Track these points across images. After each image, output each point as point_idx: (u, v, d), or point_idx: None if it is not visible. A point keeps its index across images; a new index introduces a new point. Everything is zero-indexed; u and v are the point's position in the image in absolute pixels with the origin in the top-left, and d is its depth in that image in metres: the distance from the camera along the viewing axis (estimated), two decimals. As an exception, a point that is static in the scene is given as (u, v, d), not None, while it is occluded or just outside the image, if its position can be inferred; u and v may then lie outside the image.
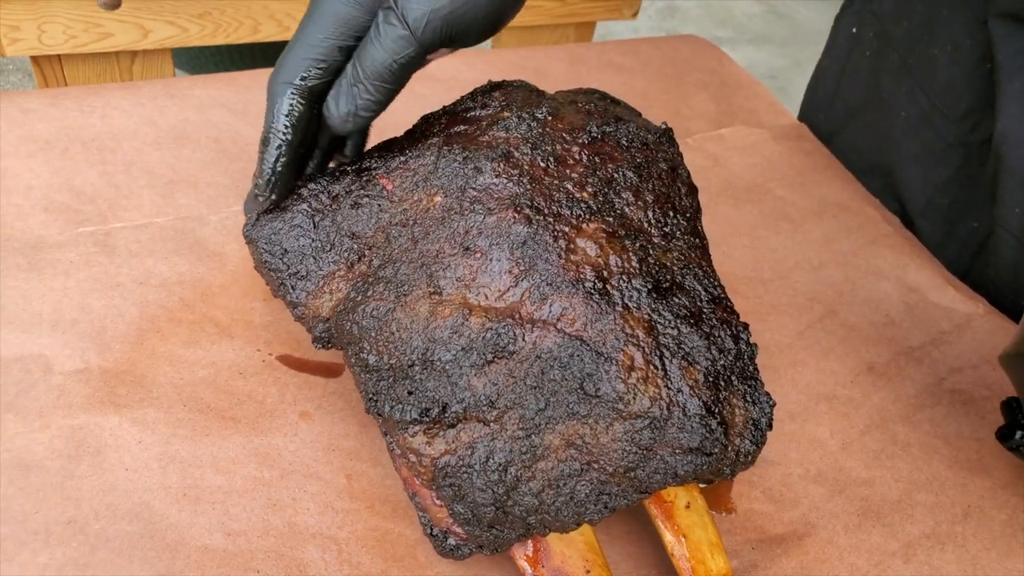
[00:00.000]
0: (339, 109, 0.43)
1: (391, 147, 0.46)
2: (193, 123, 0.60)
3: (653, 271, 0.40)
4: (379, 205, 0.43)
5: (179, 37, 0.74)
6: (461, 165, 0.42)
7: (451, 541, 0.39)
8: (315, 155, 0.48)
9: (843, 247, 0.65)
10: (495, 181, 0.41)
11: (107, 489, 0.40)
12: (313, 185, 0.45)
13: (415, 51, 0.41)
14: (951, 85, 0.63)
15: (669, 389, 0.36)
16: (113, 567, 0.38)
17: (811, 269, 0.63)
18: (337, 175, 0.45)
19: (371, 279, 0.41)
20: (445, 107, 0.48)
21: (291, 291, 0.43)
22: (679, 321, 0.38)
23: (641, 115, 0.52)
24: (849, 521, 0.47)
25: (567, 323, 0.38)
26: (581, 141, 0.44)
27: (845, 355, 0.57)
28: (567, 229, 0.40)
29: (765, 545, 0.46)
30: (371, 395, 0.39)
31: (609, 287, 0.38)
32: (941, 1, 0.64)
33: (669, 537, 0.41)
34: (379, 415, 0.39)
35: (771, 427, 0.38)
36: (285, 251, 0.43)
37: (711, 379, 0.37)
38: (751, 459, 0.38)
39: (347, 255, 0.43)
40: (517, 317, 0.38)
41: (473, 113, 0.46)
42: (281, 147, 0.43)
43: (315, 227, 0.44)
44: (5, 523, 0.39)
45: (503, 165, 0.42)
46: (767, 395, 0.39)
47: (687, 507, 0.41)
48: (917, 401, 0.55)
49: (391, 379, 0.39)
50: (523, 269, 0.39)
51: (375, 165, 0.45)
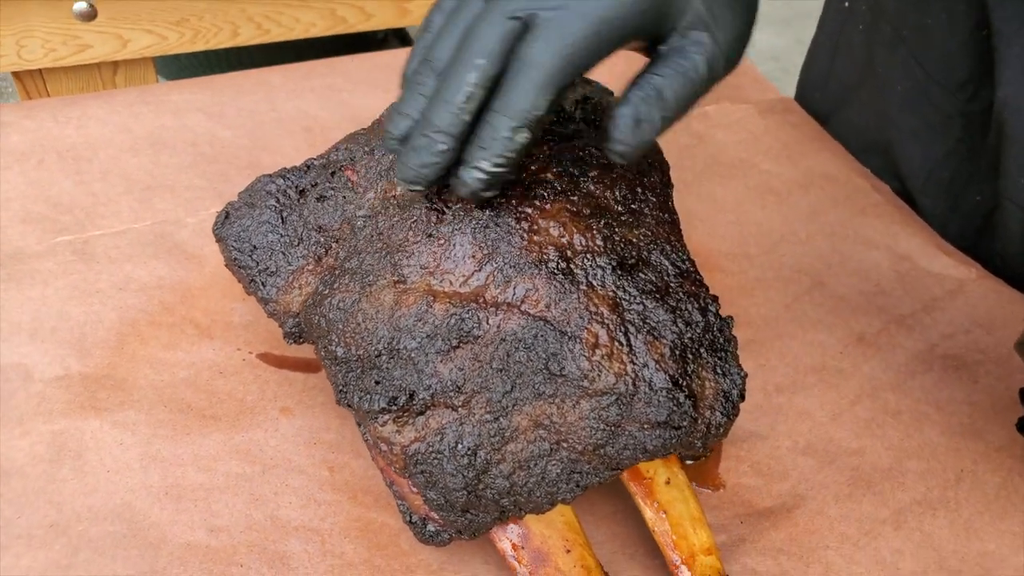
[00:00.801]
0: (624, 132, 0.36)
1: (357, 139, 0.46)
2: (169, 128, 0.60)
3: (618, 248, 0.39)
4: (344, 197, 0.43)
5: (159, 45, 0.74)
6: (423, 152, 0.42)
7: (430, 528, 0.39)
8: None
9: (831, 218, 0.65)
10: (457, 166, 0.41)
11: (89, 491, 0.41)
12: (281, 180, 0.45)
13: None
14: (947, 54, 0.62)
15: (635, 364, 0.36)
16: (96, 567, 0.38)
17: (798, 242, 0.62)
18: (304, 169, 0.45)
19: (337, 271, 0.41)
20: (412, 97, 0.48)
21: (261, 287, 0.43)
22: (644, 296, 0.38)
23: (613, 94, 0.52)
24: (839, 491, 0.47)
25: (531, 305, 0.37)
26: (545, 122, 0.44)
27: (834, 326, 0.56)
28: (530, 211, 0.40)
29: (753, 519, 0.45)
30: (341, 387, 0.39)
31: (573, 266, 0.38)
32: None
33: (650, 514, 0.41)
34: (349, 406, 0.39)
35: (743, 398, 0.38)
36: (254, 248, 0.43)
37: (678, 352, 0.37)
38: (723, 431, 0.38)
39: (315, 249, 0.43)
40: (481, 301, 0.38)
41: (437, 100, 0.46)
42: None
43: (283, 222, 0.44)
44: (-12, 530, 0.39)
45: (465, 150, 0.41)
46: (738, 366, 0.38)
47: (667, 483, 0.41)
48: (908, 368, 0.54)
49: (359, 370, 0.39)
50: (486, 253, 0.39)
51: (341, 157, 0.45)
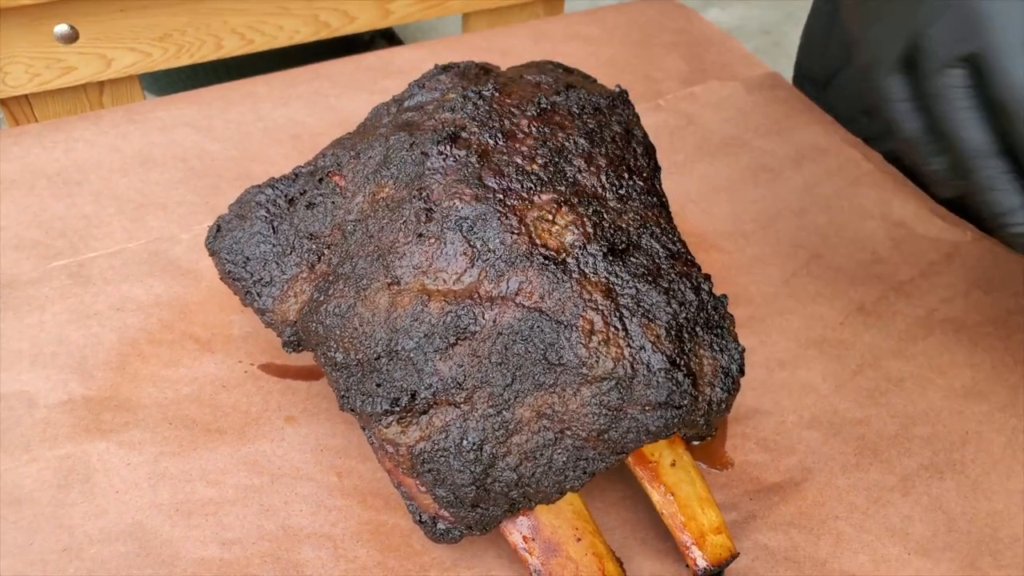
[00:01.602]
0: None
1: (343, 144, 0.46)
2: (158, 145, 0.60)
3: (608, 234, 0.39)
4: (333, 203, 0.43)
5: (143, 62, 0.74)
6: (408, 152, 0.42)
7: (441, 526, 0.39)
8: None
9: (825, 190, 0.65)
10: (443, 164, 0.41)
11: (99, 513, 0.41)
12: (269, 191, 0.45)
13: None
14: None
15: (631, 348, 0.36)
16: (111, 588, 0.39)
17: (793, 216, 0.62)
18: (292, 178, 0.46)
19: (331, 277, 0.41)
20: (394, 96, 0.48)
21: (257, 298, 0.43)
22: (636, 280, 0.38)
23: (596, 81, 0.52)
24: (846, 462, 0.47)
25: (525, 297, 0.38)
26: (530, 114, 0.44)
27: (833, 298, 0.56)
28: (518, 203, 0.40)
29: (762, 495, 0.46)
30: (343, 392, 0.39)
31: (564, 256, 0.38)
32: None
33: (657, 497, 0.41)
34: (352, 410, 0.39)
35: (742, 373, 0.38)
36: (247, 259, 0.44)
37: (673, 333, 0.37)
38: (725, 407, 0.38)
39: (307, 256, 0.43)
40: (476, 297, 0.38)
41: (419, 99, 0.46)
42: None
43: (274, 232, 0.44)
44: (2, 557, 0.39)
45: (450, 147, 0.42)
46: (736, 342, 0.38)
47: (672, 465, 0.41)
48: (909, 335, 0.54)
49: (360, 374, 0.39)
50: (477, 249, 0.39)
51: (327, 163, 0.45)
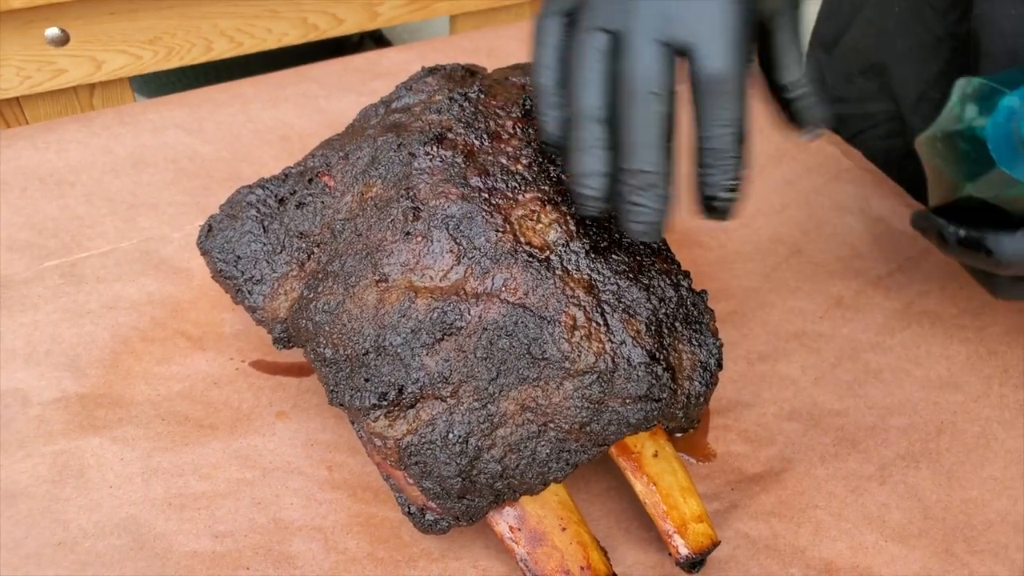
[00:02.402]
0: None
1: (332, 144, 0.47)
2: (149, 147, 0.61)
3: (591, 233, 0.40)
4: (323, 202, 0.44)
5: (133, 65, 0.75)
6: (396, 152, 0.43)
7: (429, 517, 0.40)
8: None
9: (805, 187, 0.66)
10: (429, 164, 0.42)
11: (93, 507, 0.42)
12: (260, 191, 0.46)
13: None
14: None
15: (612, 342, 0.37)
16: (106, 580, 0.40)
17: (773, 212, 0.64)
18: (282, 178, 0.46)
19: (321, 275, 0.42)
20: (382, 98, 0.49)
21: (248, 296, 0.44)
22: (618, 277, 0.39)
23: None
24: (825, 452, 0.48)
25: (510, 293, 0.39)
26: (514, 115, 0.45)
27: (813, 292, 0.58)
28: (503, 202, 0.41)
29: (744, 485, 0.47)
30: (332, 387, 0.40)
31: (548, 253, 0.39)
32: None
33: (640, 487, 0.42)
34: (341, 405, 0.40)
35: (720, 367, 0.39)
36: (238, 258, 0.44)
37: (653, 328, 0.38)
38: (703, 400, 0.39)
39: (297, 255, 0.44)
40: (462, 293, 0.39)
41: (407, 101, 0.47)
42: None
43: (265, 231, 0.45)
44: (-1, 551, 0.40)
45: (436, 148, 0.43)
46: (714, 337, 0.39)
47: (655, 456, 0.42)
48: (887, 328, 0.55)
49: (348, 369, 0.40)
50: (463, 247, 0.40)
51: (317, 164, 0.46)
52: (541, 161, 0.43)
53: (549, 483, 0.39)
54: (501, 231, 0.40)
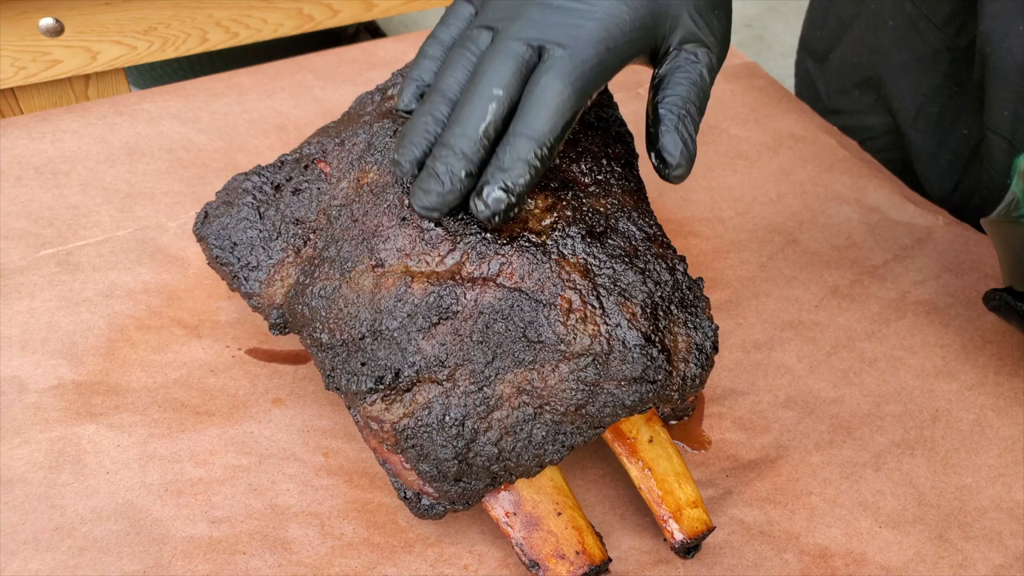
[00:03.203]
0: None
1: (328, 131, 0.47)
2: (145, 136, 0.61)
3: (587, 218, 0.40)
4: (319, 188, 0.44)
5: (128, 56, 0.75)
6: (392, 138, 0.43)
7: (425, 501, 0.41)
8: None
9: (800, 177, 0.66)
10: (425, 150, 0.42)
11: (90, 493, 0.42)
12: (256, 178, 0.46)
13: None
14: None
15: (608, 325, 0.37)
16: (102, 566, 0.40)
17: (769, 202, 0.64)
18: (278, 165, 0.46)
19: (317, 261, 0.42)
20: (378, 86, 0.49)
21: (244, 283, 0.44)
22: (614, 261, 0.39)
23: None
24: (820, 439, 0.48)
25: (506, 277, 0.39)
26: (510, 102, 0.45)
27: (808, 281, 0.58)
28: (499, 187, 0.41)
29: (739, 472, 0.47)
30: (328, 372, 0.40)
31: (544, 238, 0.39)
32: None
33: (636, 472, 0.42)
34: (338, 390, 0.40)
35: (716, 350, 0.39)
36: (234, 244, 0.44)
37: (649, 311, 0.38)
38: (698, 382, 0.39)
39: (293, 241, 0.44)
40: (458, 278, 0.39)
41: (402, 88, 0.47)
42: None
43: (261, 217, 0.45)
44: (-5, 537, 0.40)
45: (432, 134, 0.43)
46: (709, 320, 0.40)
47: (650, 441, 0.42)
48: (882, 317, 0.56)
49: (345, 354, 0.40)
50: (459, 232, 0.40)
51: (313, 151, 0.46)
52: (537, 147, 0.43)
53: (545, 466, 0.39)
54: (497, 216, 0.40)
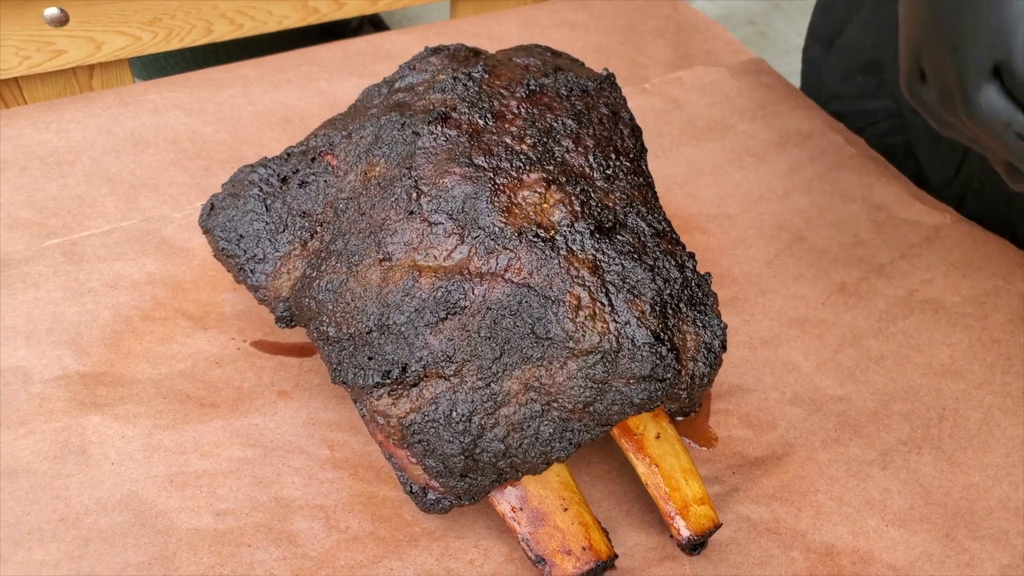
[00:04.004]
0: None
1: (335, 124, 0.47)
2: (150, 127, 0.61)
3: (595, 213, 0.40)
4: (326, 181, 0.44)
5: (133, 46, 0.74)
6: (400, 132, 0.43)
7: (431, 496, 0.40)
8: None
9: (807, 174, 0.66)
10: (433, 144, 0.42)
11: (94, 484, 0.42)
12: (262, 170, 0.46)
13: None
14: None
15: (617, 323, 0.37)
16: (107, 556, 0.39)
17: (776, 199, 0.63)
18: (285, 157, 0.46)
19: (324, 254, 0.42)
20: (385, 78, 0.49)
21: (250, 275, 0.44)
22: (623, 257, 0.39)
23: (584, 64, 0.52)
24: (827, 437, 0.48)
25: (514, 273, 0.38)
26: (519, 95, 0.45)
27: (815, 278, 0.58)
28: (507, 182, 0.41)
29: (745, 468, 0.47)
30: (335, 365, 0.40)
31: (552, 233, 0.39)
32: None
33: (642, 468, 0.42)
34: (344, 383, 0.40)
35: (724, 348, 0.39)
36: (241, 237, 0.44)
37: (658, 309, 0.38)
38: (707, 381, 0.39)
39: (300, 234, 0.44)
40: (466, 273, 0.39)
41: (410, 80, 0.47)
42: None
43: (267, 210, 0.45)
44: (1, 526, 0.40)
45: (440, 127, 0.42)
46: (718, 318, 0.39)
47: (657, 437, 0.42)
48: (889, 315, 0.55)
49: (352, 347, 0.40)
50: (467, 226, 0.40)
51: (320, 143, 0.46)
52: (546, 141, 0.43)
53: (552, 462, 0.39)
54: (506, 211, 0.40)
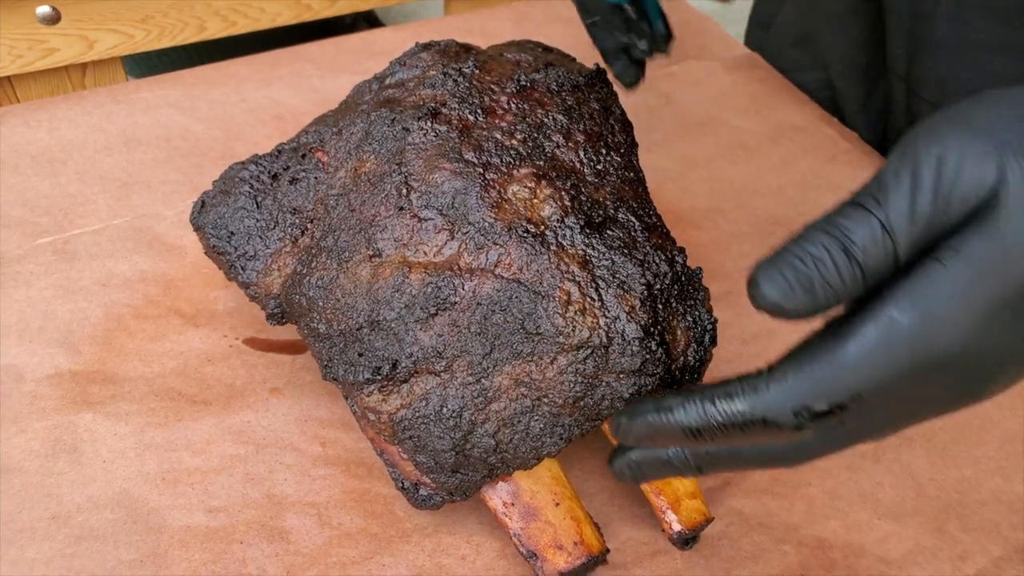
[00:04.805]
0: None
1: (325, 120, 0.47)
2: (142, 125, 0.60)
3: (585, 208, 0.40)
4: (316, 178, 0.44)
5: (125, 44, 0.74)
6: (390, 128, 0.43)
7: (423, 492, 0.40)
8: None
9: (801, 168, 0.66)
10: (423, 139, 0.42)
11: (86, 482, 0.42)
12: (253, 167, 0.46)
13: None
14: None
15: (607, 317, 0.37)
16: (99, 554, 0.40)
17: (770, 193, 0.63)
18: (275, 154, 0.46)
19: (314, 250, 0.42)
20: (376, 74, 0.49)
21: (241, 272, 0.44)
22: (613, 252, 0.39)
23: (576, 60, 0.52)
24: (819, 430, 0.48)
25: (504, 268, 0.38)
26: (509, 90, 0.45)
27: (808, 272, 0.58)
28: (497, 177, 0.41)
29: (737, 463, 0.47)
30: (326, 362, 0.40)
31: (542, 228, 0.39)
32: None
33: (634, 463, 0.42)
34: (335, 380, 0.40)
35: (714, 343, 0.39)
36: (231, 234, 0.44)
37: (648, 303, 0.38)
38: (697, 376, 0.39)
39: (291, 230, 0.44)
40: (456, 268, 0.39)
41: (400, 76, 0.47)
42: None
43: (258, 207, 0.45)
44: (-8, 526, 0.40)
45: (430, 123, 0.42)
46: (709, 312, 0.39)
47: (648, 433, 0.42)
48: (882, 308, 0.55)
49: (342, 344, 0.40)
50: (457, 222, 0.39)
51: (310, 140, 0.46)
52: (536, 137, 0.43)
53: (543, 458, 0.39)
54: (495, 206, 0.40)
